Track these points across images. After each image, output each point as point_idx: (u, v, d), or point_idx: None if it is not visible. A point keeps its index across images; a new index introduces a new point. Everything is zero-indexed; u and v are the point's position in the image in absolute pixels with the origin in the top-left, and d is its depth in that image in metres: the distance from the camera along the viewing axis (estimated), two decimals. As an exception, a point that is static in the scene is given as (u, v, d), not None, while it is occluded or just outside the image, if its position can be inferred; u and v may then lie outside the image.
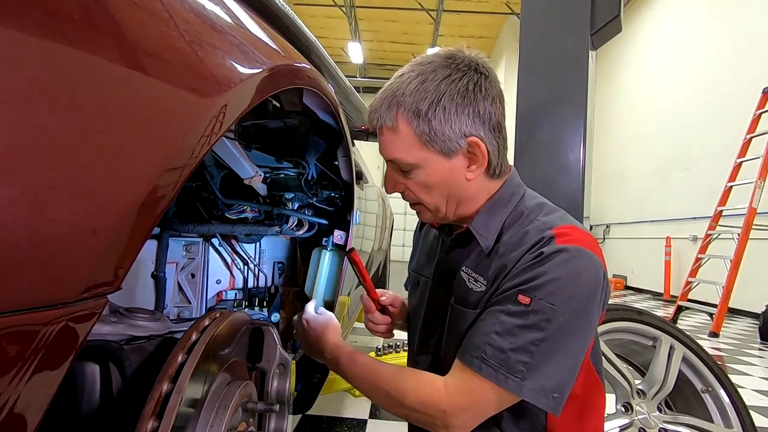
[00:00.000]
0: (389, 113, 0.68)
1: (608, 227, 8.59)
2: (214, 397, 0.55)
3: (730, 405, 1.32)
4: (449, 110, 0.66)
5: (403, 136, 0.68)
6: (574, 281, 0.63)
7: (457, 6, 9.63)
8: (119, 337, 0.57)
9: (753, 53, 5.27)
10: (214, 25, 0.42)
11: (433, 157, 0.69)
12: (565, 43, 1.51)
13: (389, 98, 0.69)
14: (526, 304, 0.63)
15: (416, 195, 0.74)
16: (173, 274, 1.05)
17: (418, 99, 0.66)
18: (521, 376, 0.61)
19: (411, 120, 0.67)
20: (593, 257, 0.65)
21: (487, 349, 0.63)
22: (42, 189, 0.23)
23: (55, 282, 0.24)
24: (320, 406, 1.86)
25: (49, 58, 0.24)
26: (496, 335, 0.63)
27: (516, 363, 0.62)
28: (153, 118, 0.31)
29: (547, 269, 0.63)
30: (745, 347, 3.60)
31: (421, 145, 0.68)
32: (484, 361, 0.63)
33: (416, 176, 0.71)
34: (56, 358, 0.25)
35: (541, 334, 0.62)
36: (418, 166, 0.69)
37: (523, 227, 0.70)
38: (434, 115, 0.66)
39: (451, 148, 0.68)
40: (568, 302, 0.62)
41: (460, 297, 0.74)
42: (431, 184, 0.71)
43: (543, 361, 0.61)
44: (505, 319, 0.64)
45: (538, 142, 1.53)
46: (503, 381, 0.62)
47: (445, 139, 0.67)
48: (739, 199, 4.37)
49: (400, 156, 0.70)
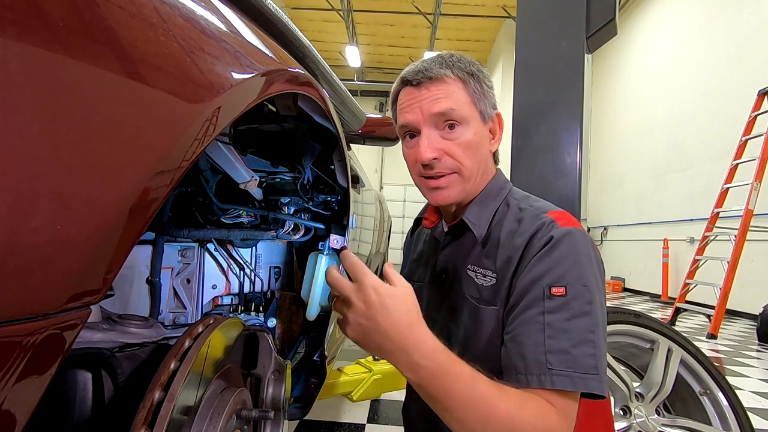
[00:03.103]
0: (443, 69, 0.71)
1: (606, 229, 8.61)
2: (207, 404, 0.54)
3: (728, 407, 1.31)
4: (488, 80, 0.74)
5: (457, 89, 0.71)
6: (590, 259, 0.65)
7: (454, 10, 9.68)
8: (112, 344, 0.57)
9: (749, 56, 5.30)
10: (206, 30, 0.41)
11: (477, 117, 0.73)
12: (561, 47, 1.52)
13: (439, 62, 0.73)
14: (563, 294, 0.61)
15: (457, 159, 0.71)
16: (168, 279, 1.05)
17: (467, 64, 0.73)
18: (596, 370, 0.58)
19: (466, 78, 0.72)
20: (589, 236, 0.69)
21: (550, 359, 0.58)
22: (25, 197, 0.23)
23: (36, 293, 0.23)
24: (317, 411, 1.85)
25: (37, 62, 0.24)
26: (550, 339, 0.59)
27: (585, 358, 0.58)
28: (141, 122, 0.31)
29: (566, 253, 0.63)
30: (743, 349, 3.60)
31: (471, 102, 0.72)
32: (554, 373, 0.58)
33: (463, 134, 0.71)
34: (37, 370, 0.24)
35: (590, 318, 0.60)
36: (467, 121, 0.71)
37: (516, 215, 0.73)
38: (482, 78, 0.73)
39: (488, 114, 0.74)
40: (593, 280, 0.64)
41: (474, 296, 0.73)
42: (473, 145, 0.72)
43: (602, 346, 0.60)
44: (550, 318, 0.60)
45: (534, 145, 1.53)
46: (582, 384, 0.57)
47: (487, 103, 0.74)
48: (736, 200, 4.38)
49: (456, 106, 0.70)
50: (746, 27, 5.39)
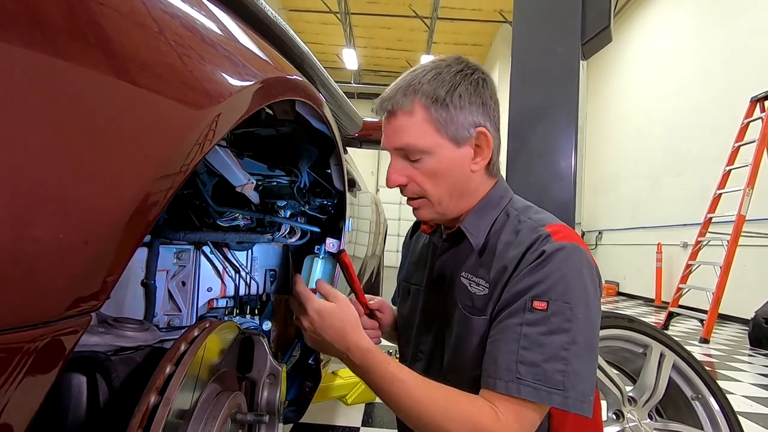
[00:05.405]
0: (405, 99, 0.70)
1: (600, 233, 8.66)
2: (202, 408, 0.54)
3: (719, 412, 1.33)
4: (464, 98, 0.70)
5: (418, 120, 0.70)
6: (580, 276, 0.64)
7: (451, 14, 9.73)
8: (107, 347, 0.57)
9: (743, 62, 5.37)
10: (206, 38, 0.42)
11: (444, 144, 0.70)
12: (556, 53, 1.53)
13: (404, 87, 0.71)
14: (543, 309, 0.62)
15: (421, 186, 0.73)
16: (164, 281, 1.04)
17: (435, 86, 0.69)
18: (563, 387, 0.59)
19: (428, 105, 0.69)
20: (586, 252, 0.68)
21: (520, 369, 0.60)
22: (27, 204, 0.23)
23: (36, 301, 0.24)
24: (312, 414, 1.84)
25: (39, 69, 0.24)
26: (524, 350, 0.61)
27: (553, 374, 0.59)
28: (143, 128, 0.31)
29: (555, 268, 0.63)
30: (735, 353, 3.63)
31: (434, 131, 0.70)
32: (521, 382, 0.60)
33: (425, 164, 0.71)
34: (37, 378, 0.24)
35: (567, 336, 0.61)
36: (428, 152, 0.70)
37: (514, 226, 0.72)
38: (451, 100, 0.69)
39: (462, 137, 0.70)
40: (581, 297, 0.63)
41: (466, 303, 0.74)
42: (439, 173, 0.72)
43: (577, 365, 0.60)
44: (527, 330, 0.62)
45: (530, 149, 1.54)
46: (547, 398, 0.59)
47: (458, 126, 0.70)
48: (728, 206, 4.42)
49: (413, 141, 0.70)
50: (740, 34, 5.46)
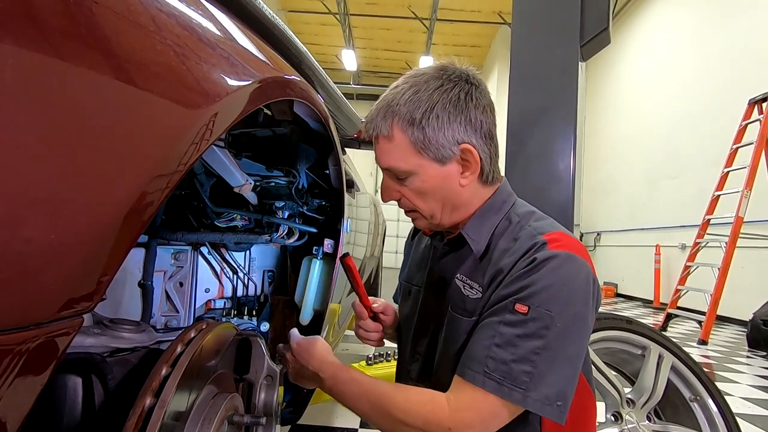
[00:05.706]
0: (384, 122, 0.71)
1: (599, 235, 8.66)
2: (199, 410, 0.54)
3: (717, 414, 1.33)
4: (442, 118, 0.69)
5: (398, 143, 0.70)
6: (568, 287, 0.64)
7: (450, 15, 9.74)
8: (103, 349, 0.56)
9: (741, 64, 5.38)
10: (204, 38, 0.42)
11: (427, 164, 0.71)
12: (555, 54, 1.53)
13: (384, 109, 0.71)
14: (524, 312, 0.63)
15: (412, 202, 0.76)
16: (161, 282, 1.04)
17: (412, 108, 0.69)
18: (525, 386, 0.61)
19: (406, 128, 0.69)
20: (584, 263, 0.67)
21: (489, 363, 0.63)
22: (21, 204, 0.23)
23: (28, 303, 0.23)
24: (310, 416, 1.84)
25: (34, 68, 0.24)
26: (496, 347, 0.63)
27: (519, 374, 0.61)
28: (138, 127, 0.31)
29: (542, 276, 0.64)
30: (734, 355, 3.63)
31: (415, 153, 0.70)
32: (487, 375, 0.63)
33: (412, 183, 0.73)
34: (29, 379, 0.24)
35: (541, 342, 0.62)
36: (413, 173, 0.71)
37: (514, 233, 0.72)
38: (428, 122, 0.68)
39: (445, 155, 0.70)
40: (565, 308, 0.63)
41: (457, 305, 0.75)
42: (426, 191, 0.73)
43: (545, 369, 0.62)
44: (504, 330, 0.64)
45: (528, 151, 1.54)
46: (508, 394, 0.61)
47: (439, 146, 0.69)
48: (727, 208, 4.43)
49: (395, 164, 0.72)
50: (739, 36, 5.47)
